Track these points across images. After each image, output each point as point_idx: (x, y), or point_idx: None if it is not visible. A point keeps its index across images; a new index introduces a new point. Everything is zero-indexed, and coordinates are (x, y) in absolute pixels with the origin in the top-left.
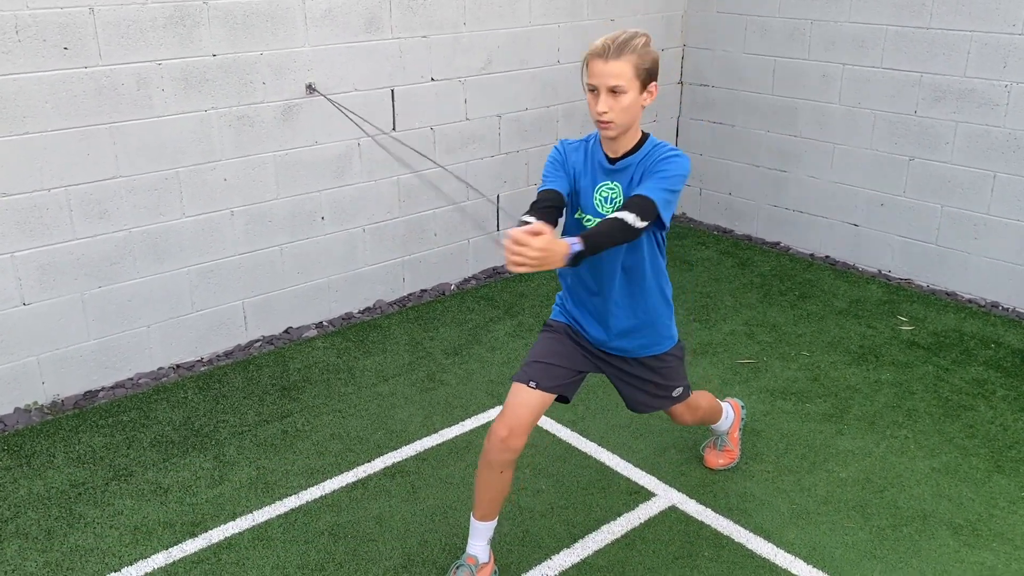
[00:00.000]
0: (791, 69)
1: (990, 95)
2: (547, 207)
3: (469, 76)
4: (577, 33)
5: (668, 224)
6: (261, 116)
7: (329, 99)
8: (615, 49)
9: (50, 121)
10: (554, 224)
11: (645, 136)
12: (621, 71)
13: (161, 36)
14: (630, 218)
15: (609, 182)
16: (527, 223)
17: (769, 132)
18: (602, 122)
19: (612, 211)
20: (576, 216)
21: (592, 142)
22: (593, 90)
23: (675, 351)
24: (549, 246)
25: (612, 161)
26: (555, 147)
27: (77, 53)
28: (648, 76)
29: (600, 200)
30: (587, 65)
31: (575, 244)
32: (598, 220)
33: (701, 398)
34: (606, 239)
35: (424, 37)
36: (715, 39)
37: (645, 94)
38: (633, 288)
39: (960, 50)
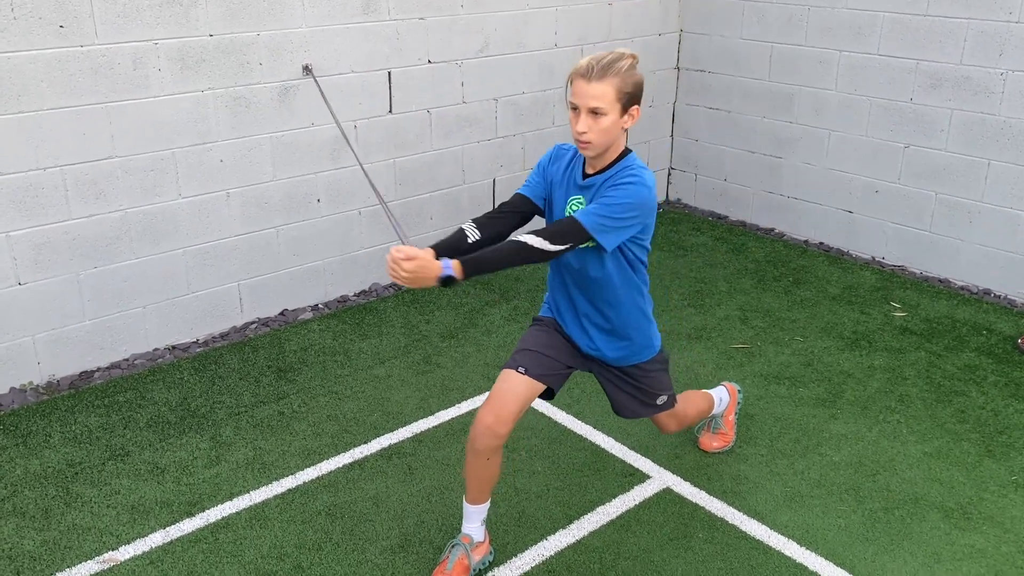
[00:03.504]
0: (788, 55)
1: (986, 83)
2: (504, 212)
3: (466, 59)
4: (575, 17)
5: (610, 248)
6: (257, 97)
7: (318, 85)
8: (598, 71)
9: (45, 100)
10: (511, 228)
11: (625, 154)
12: (602, 93)
13: (158, 15)
14: (535, 241)
15: (580, 196)
16: (461, 232)
17: (765, 118)
18: (580, 141)
19: None
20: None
21: (579, 154)
22: (575, 109)
23: (657, 360)
24: (417, 271)
25: (585, 176)
26: (549, 150)
27: (73, 31)
28: (630, 100)
29: (570, 212)
30: (571, 83)
31: (447, 268)
32: None
33: (689, 406)
34: (497, 262)
35: (421, 19)
36: (712, 24)
37: (626, 116)
38: (604, 297)
39: (957, 38)
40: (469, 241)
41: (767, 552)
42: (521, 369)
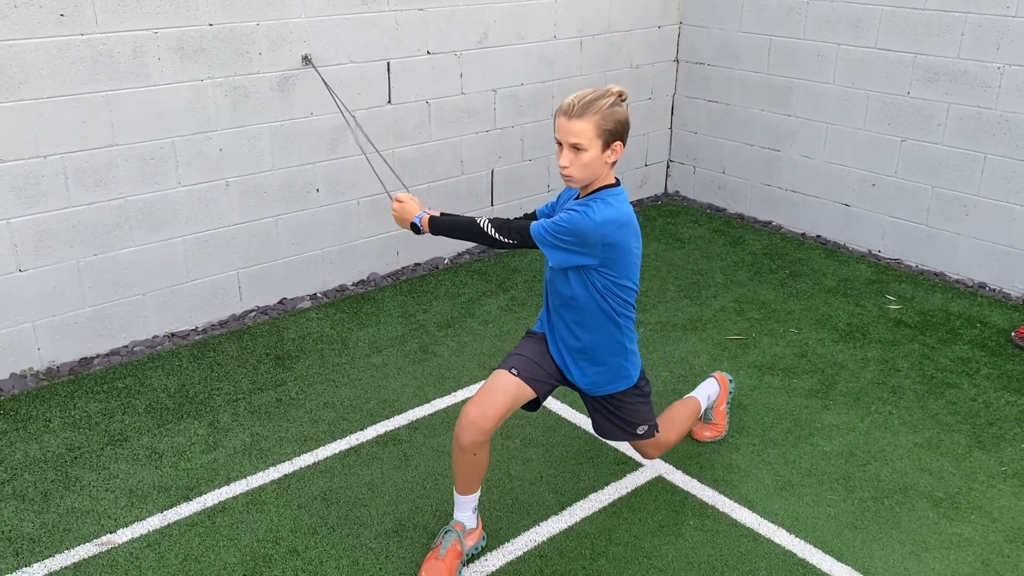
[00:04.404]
0: (786, 48)
1: (983, 77)
2: (517, 219)
3: (465, 50)
4: (574, 9)
5: (553, 262)
6: (257, 87)
7: (319, 72)
8: (578, 108)
9: (46, 88)
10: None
11: (609, 187)
12: (581, 130)
13: (158, 4)
14: (487, 225)
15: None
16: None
17: (763, 111)
18: (563, 175)
19: None
20: None
21: None
22: (559, 143)
23: (634, 392)
24: (400, 211)
25: (576, 199)
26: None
27: (74, 20)
28: (611, 136)
29: None
30: (555, 119)
31: (418, 218)
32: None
33: (672, 431)
34: (455, 228)
35: (421, 10)
36: (711, 17)
37: (608, 152)
38: (575, 318)
39: (954, 31)
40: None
41: (757, 539)
42: (513, 371)
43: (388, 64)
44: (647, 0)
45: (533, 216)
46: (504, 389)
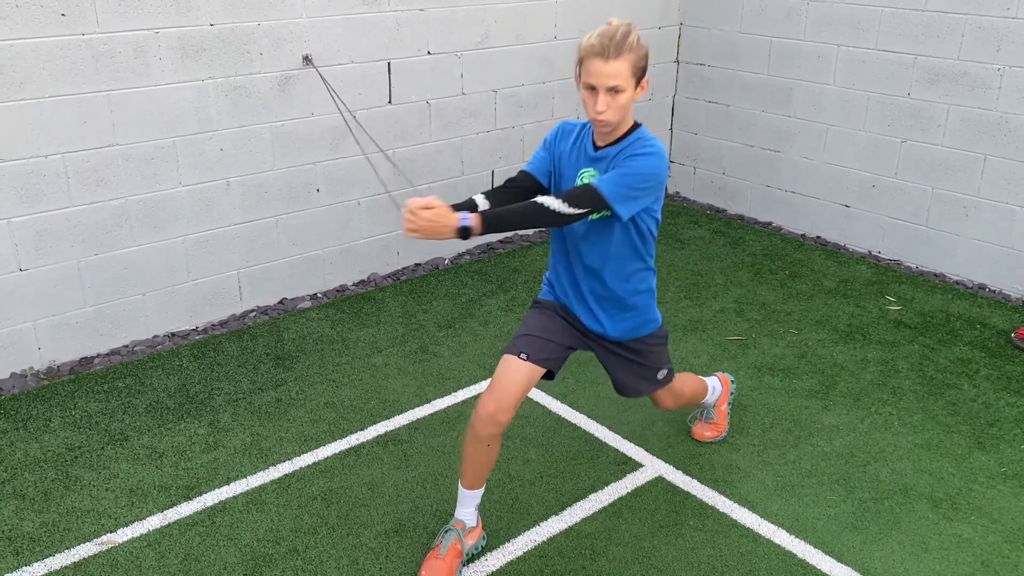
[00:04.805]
0: (787, 49)
1: (983, 78)
2: (510, 188)
3: (466, 50)
4: (574, 10)
5: (626, 216)
6: (258, 87)
7: (320, 74)
8: (614, 48)
9: (47, 88)
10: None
11: (635, 127)
12: (620, 71)
13: (159, 4)
14: (553, 203)
15: (591, 169)
16: (472, 200)
17: (764, 112)
18: (599, 120)
19: None
20: None
21: (588, 128)
22: (592, 89)
23: (658, 334)
24: (436, 218)
25: (596, 148)
26: (553, 128)
27: (75, 20)
28: (642, 72)
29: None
30: (583, 63)
31: (465, 219)
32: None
33: (684, 384)
34: (514, 219)
35: (421, 10)
36: (712, 18)
37: (638, 89)
38: (611, 268)
39: (954, 33)
40: (479, 209)
41: (756, 540)
42: (523, 355)
43: (389, 64)
44: (647, 1)
45: (527, 177)
46: (516, 378)
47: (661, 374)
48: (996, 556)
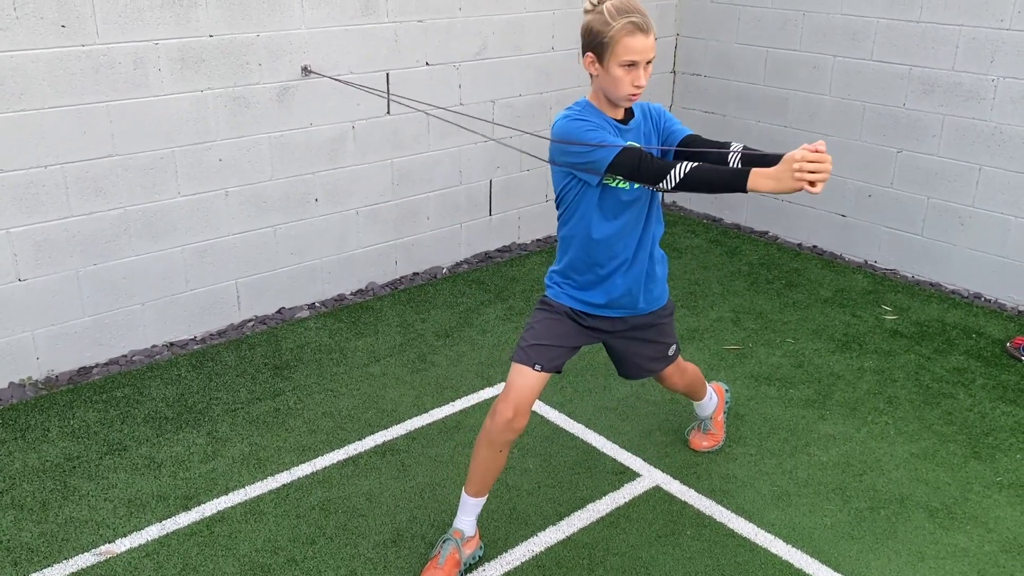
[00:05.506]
0: (782, 60)
1: (977, 89)
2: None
3: (464, 61)
4: (571, 20)
5: None
6: (256, 97)
7: (331, 77)
8: (647, 22)
9: (47, 98)
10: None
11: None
12: (654, 43)
13: (158, 16)
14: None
15: (629, 142)
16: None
17: (760, 122)
18: (636, 95)
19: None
20: (604, 180)
21: (587, 108)
22: (631, 65)
23: (670, 306)
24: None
25: (623, 122)
26: (579, 118)
27: (75, 31)
28: None
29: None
30: (621, 41)
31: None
32: (624, 181)
33: (688, 366)
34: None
35: (420, 21)
36: (708, 28)
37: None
38: (657, 236)
39: (949, 44)
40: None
41: (753, 549)
42: (537, 367)
43: (387, 75)
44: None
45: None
46: (531, 385)
47: (672, 350)
48: (992, 566)
